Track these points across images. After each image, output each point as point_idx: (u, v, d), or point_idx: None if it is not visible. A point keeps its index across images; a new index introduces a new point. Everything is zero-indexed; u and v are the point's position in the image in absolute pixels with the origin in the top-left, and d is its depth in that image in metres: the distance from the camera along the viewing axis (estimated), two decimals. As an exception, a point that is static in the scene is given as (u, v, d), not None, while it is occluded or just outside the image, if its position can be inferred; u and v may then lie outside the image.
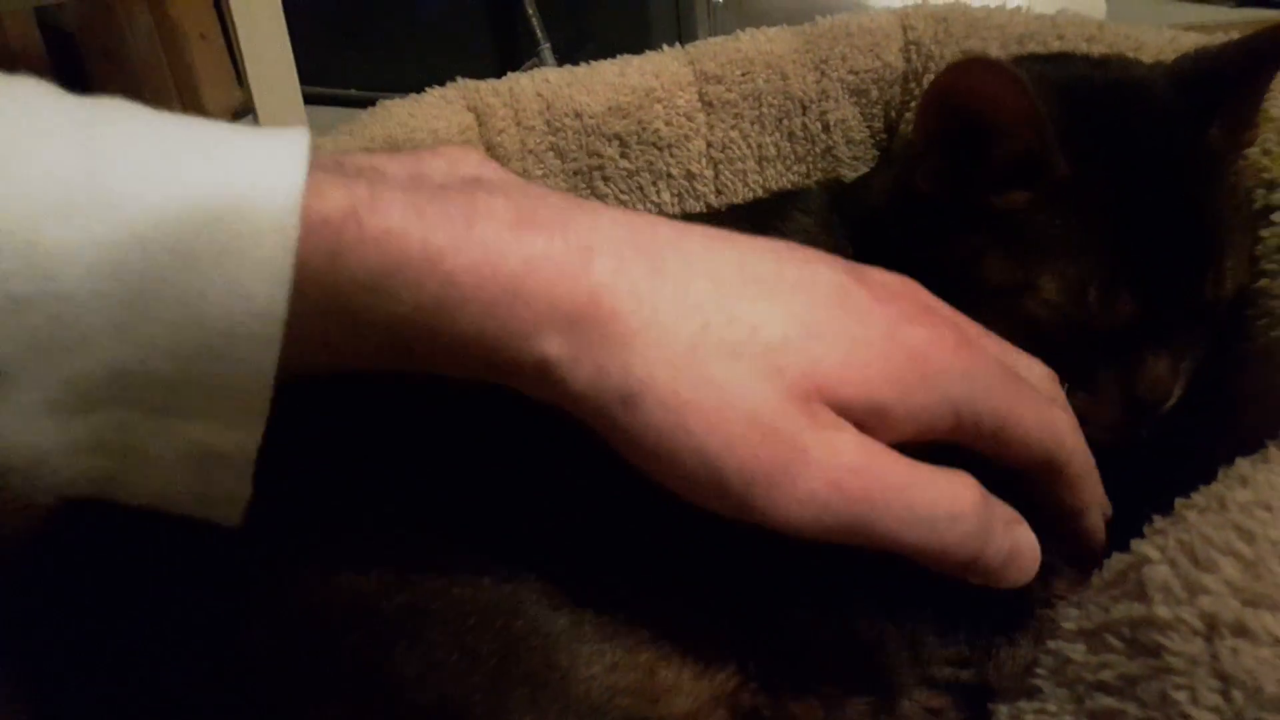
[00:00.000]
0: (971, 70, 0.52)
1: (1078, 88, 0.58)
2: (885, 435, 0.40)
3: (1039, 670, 0.42)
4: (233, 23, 1.52)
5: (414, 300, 0.36)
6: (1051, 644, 0.42)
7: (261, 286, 0.33)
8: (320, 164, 0.35)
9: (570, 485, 0.51)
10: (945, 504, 0.40)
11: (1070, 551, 0.50)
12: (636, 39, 2.34)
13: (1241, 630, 0.36)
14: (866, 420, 0.40)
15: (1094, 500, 0.49)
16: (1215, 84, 0.55)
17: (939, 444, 0.42)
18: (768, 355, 0.38)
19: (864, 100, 0.79)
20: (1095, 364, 0.54)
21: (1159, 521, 0.42)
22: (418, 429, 0.50)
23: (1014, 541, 0.43)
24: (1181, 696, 0.37)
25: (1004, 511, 0.44)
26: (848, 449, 0.39)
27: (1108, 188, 0.53)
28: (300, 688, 0.46)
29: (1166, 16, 1.92)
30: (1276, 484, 0.40)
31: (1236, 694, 0.36)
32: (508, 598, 0.48)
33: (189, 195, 0.33)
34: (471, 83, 0.79)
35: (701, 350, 0.38)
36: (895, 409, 0.40)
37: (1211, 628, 0.37)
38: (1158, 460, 0.54)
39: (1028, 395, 0.44)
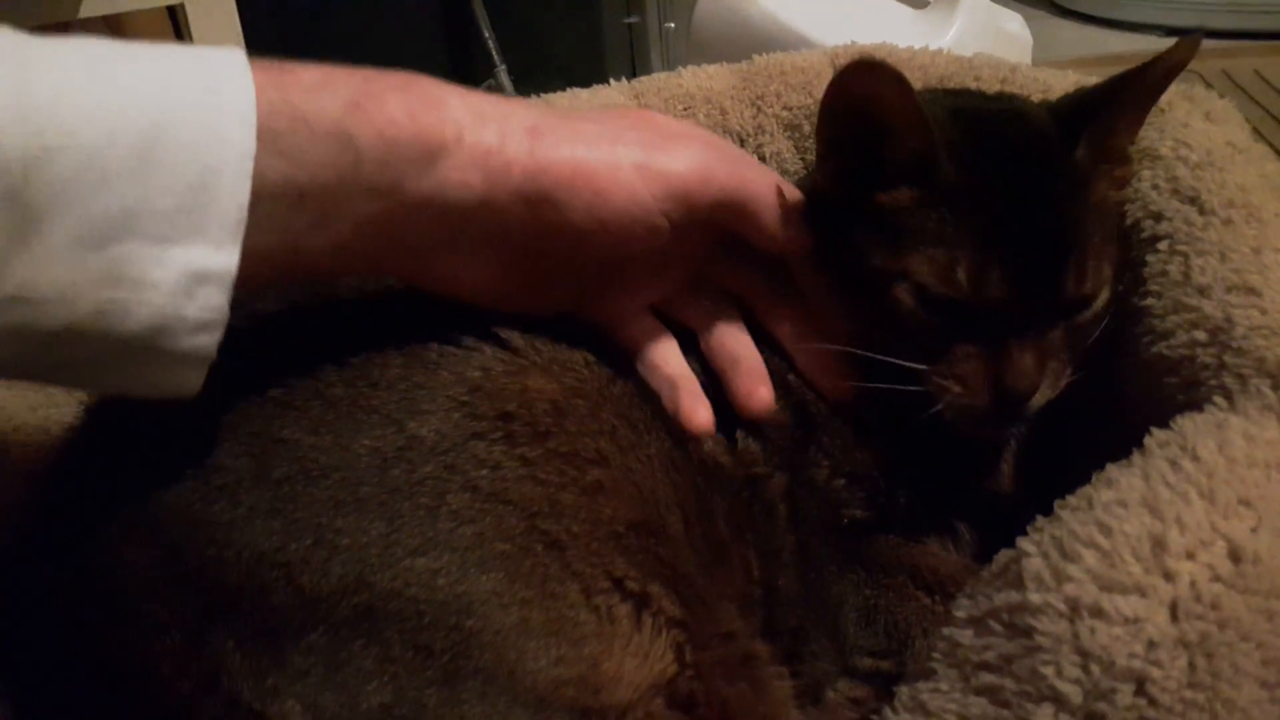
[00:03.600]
0: (859, 71, 0.57)
1: (968, 110, 0.64)
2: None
3: (934, 655, 0.47)
4: (191, 43, 1.55)
5: (345, 98, 0.47)
6: (946, 631, 0.47)
7: (235, 130, 0.43)
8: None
9: (521, 486, 0.54)
10: None
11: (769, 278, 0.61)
12: (591, 62, 2.39)
13: (1098, 612, 0.42)
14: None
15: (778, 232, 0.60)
16: (1083, 113, 0.61)
17: None
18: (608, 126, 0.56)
19: (797, 134, 0.85)
20: (966, 354, 0.58)
21: (1040, 521, 0.48)
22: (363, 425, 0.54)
23: None
24: (1049, 671, 0.42)
25: None
26: None
27: (984, 192, 0.58)
28: (259, 684, 0.49)
29: (1096, 45, 2.00)
30: (1135, 485, 0.46)
31: (1094, 667, 0.41)
32: (460, 597, 0.51)
33: (174, 70, 0.44)
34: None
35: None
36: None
37: (1074, 610, 0.42)
38: (1050, 469, 0.60)
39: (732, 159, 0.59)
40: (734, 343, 0.63)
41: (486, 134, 0.50)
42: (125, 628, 0.50)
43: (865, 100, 0.58)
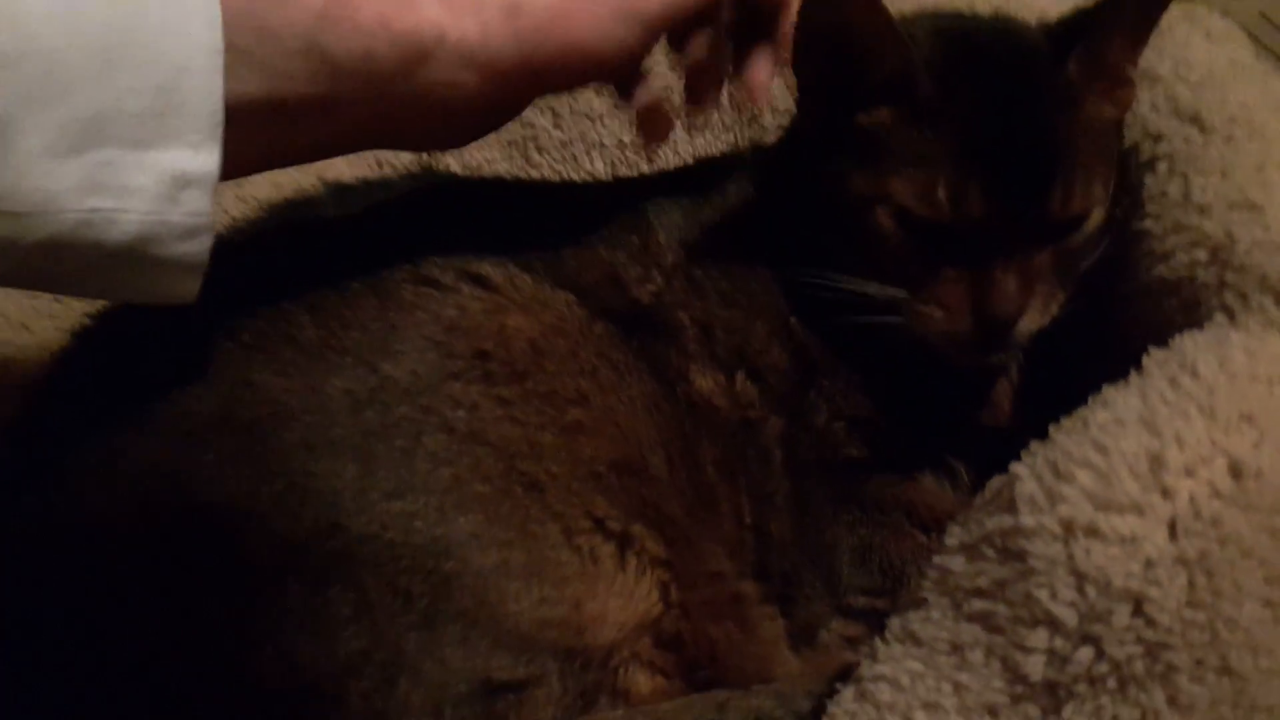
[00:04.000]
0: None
1: (952, 29, 0.62)
2: None
3: (925, 584, 0.45)
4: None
5: (313, 8, 0.46)
6: (937, 559, 0.45)
7: (201, 28, 0.43)
8: None
9: (499, 427, 0.53)
10: None
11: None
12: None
13: (1093, 532, 0.40)
14: None
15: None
16: (1077, 30, 0.59)
17: None
18: None
19: (786, 72, 0.82)
20: (948, 279, 0.57)
21: (1033, 445, 0.46)
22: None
23: None
24: (1043, 594, 0.40)
25: None
26: None
27: (965, 108, 0.56)
28: (237, 630, 0.48)
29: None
30: (1133, 404, 0.44)
31: (1089, 589, 0.40)
32: (438, 540, 0.50)
33: None
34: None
35: None
36: None
37: (1068, 531, 0.40)
38: (1050, 404, 0.58)
39: None
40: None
41: (467, 27, 0.49)
42: (94, 578, 0.49)
43: (836, 26, 0.56)
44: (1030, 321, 0.57)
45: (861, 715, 0.44)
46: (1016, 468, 0.44)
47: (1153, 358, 0.47)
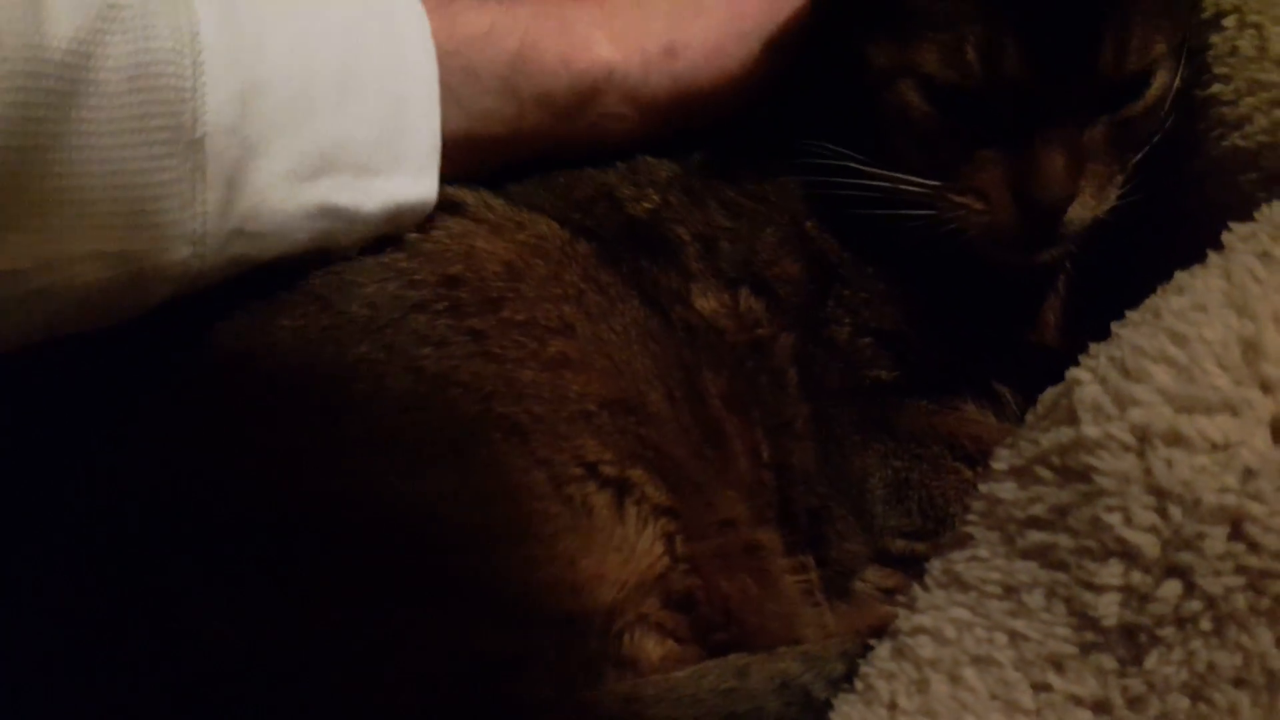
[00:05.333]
0: None
1: None
2: None
3: (970, 517, 0.38)
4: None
5: (509, 49, 0.52)
6: (983, 487, 0.38)
7: (421, 62, 0.49)
8: None
9: (471, 364, 0.48)
10: None
11: None
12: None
13: (1175, 439, 0.33)
14: None
15: None
16: None
17: None
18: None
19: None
20: (985, 161, 0.50)
21: (1094, 347, 0.39)
22: None
23: None
24: (1114, 519, 0.33)
25: None
26: None
27: None
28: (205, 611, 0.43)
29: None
30: (1215, 285, 0.36)
31: (1173, 509, 0.32)
32: (407, 498, 0.45)
33: (360, 9, 0.48)
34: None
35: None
36: None
37: (1143, 440, 0.33)
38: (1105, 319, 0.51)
39: None
40: None
41: (632, 66, 0.54)
42: (53, 557, 0.46)
43: None
44: (1082, 209, 0.50)
45: (900, 676, 0.37)
46: (1076, 373, 0.37)
47: (1235, 233, 0.39)
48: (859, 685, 0.38)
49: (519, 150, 0.54)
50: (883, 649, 0.39)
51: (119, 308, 0.45)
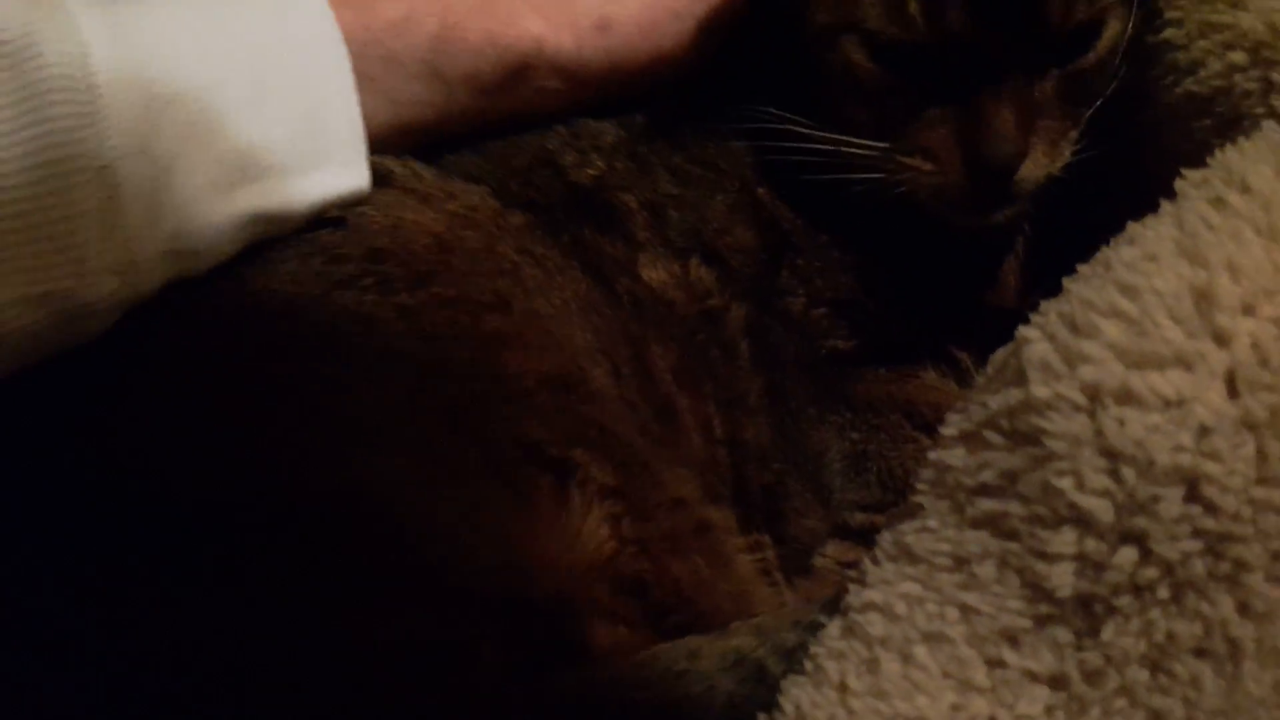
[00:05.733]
0: None
1: None
2: None
3: (919, 486, 0.36)
4: None
5: (429, 31, 0.50)
6: (932, 455, 0.36)
7: (331, 53, 0.47)
8: None
9: (401, 343, 0.46)
10: None
11: None
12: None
13: (1127, 396, 0.31)
14: None
15: None
16: None
17: None
18: None
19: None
20: (932, 120, 0.49)
21: (1044, 304, 0.37)
22: None
23: None
24: (1066, 484, 0.31)
25: None
26: None
27: None
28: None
29: None
30: (1167, 233, 0.34)
31: (1126, 471, 0.30)
32: (336, 490, 0.43)
33: (265, 11, 0.47)
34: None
35: None
36: None
37: (1094, 399, 0.31)
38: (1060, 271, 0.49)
39: None
40: None
41: (563, 40, 0.53)
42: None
43: None
44: (1035, 167, 0.49)
45: (850, 656, 0.35)
46: (1025, 331, 0.35)
47: (1188, 179, 0.37)
48: (808, 666, 0.36)
49: (453, 131, 0.53)
50: (832, 627, 0.36)
51: (54, 348, 0.43)
